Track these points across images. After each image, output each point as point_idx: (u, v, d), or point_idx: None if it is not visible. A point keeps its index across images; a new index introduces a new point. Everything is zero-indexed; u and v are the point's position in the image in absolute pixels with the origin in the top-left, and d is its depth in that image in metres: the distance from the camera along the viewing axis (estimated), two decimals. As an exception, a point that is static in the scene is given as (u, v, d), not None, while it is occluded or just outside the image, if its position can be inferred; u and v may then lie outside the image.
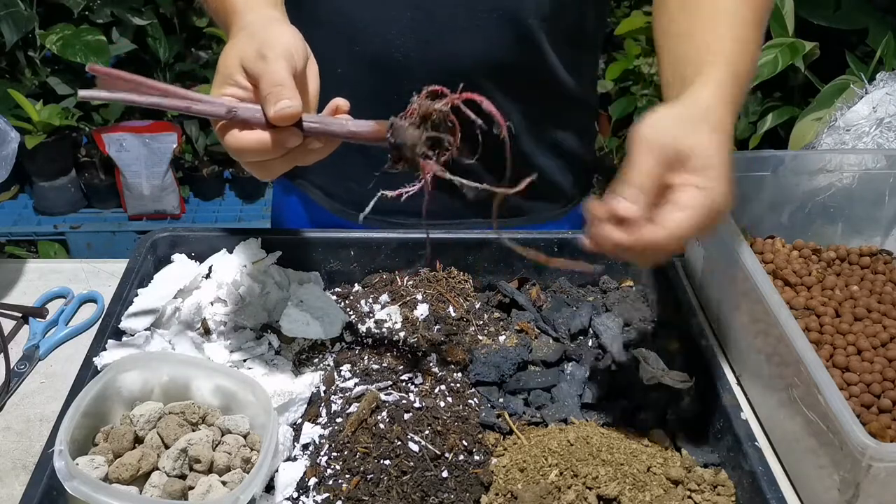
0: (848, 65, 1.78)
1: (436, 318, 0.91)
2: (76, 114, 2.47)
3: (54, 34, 2.24)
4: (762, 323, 0.86)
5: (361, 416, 0.78)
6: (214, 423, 0.75)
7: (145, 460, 0.70)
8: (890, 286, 1.00)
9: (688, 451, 0.78)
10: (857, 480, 0.70)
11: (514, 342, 0.88)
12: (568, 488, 0.71)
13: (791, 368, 0.79)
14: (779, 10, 1.82)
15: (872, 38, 1.91)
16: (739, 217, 1.09)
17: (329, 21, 0.97)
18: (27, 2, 2.30)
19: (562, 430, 0.78)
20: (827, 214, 1.10)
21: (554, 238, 0.99)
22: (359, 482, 0.73)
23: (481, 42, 0.94)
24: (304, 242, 0.98)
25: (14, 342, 0.96)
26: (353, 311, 0.94)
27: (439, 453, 0.75)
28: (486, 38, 0.94)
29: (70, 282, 1.05)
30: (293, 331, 0.88)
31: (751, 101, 2.49)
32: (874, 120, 1.13)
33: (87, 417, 0.72)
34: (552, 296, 0.98)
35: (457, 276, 0.98)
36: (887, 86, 1.16)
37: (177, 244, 0.97)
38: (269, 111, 0.65)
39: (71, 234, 2.56)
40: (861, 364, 0.88)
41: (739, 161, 1.07)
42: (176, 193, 2.56)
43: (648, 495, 0.71)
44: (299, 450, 0.78)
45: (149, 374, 0.77)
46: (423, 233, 0.99)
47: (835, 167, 1.07)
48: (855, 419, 0.69)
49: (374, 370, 0.84)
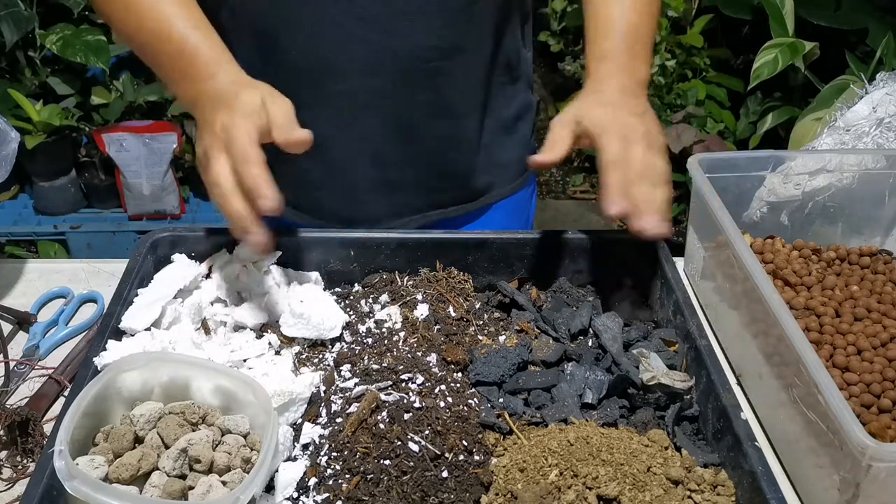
0: (848, 65, 1.78)
1: (436, 318, 0.91)
2: (76, 114, 2.47)
3: (54, 34, 2.24)
4: (762, 323, 0.86)
5: (361, 416, 0.78)
6: (214, 423, 0.75)
7: (145, 460, 0.70)
8: (890, 286, 1.00)
9: (688, 451, 0.78)
10: (857, 480, 0.70)
11: (514, 342, 0.88)
12: (568, 488, 0.71)
13: (791, 368, 0.79)
14: (779, 10, 1.82)
15: (872, 38, 1.91)
16: (739, 217, 1.09)
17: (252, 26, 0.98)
18: (27, 2, 2.30)
19: (562, 430, 0.78)
20: (827, 214, 1.10)
21: (554, 238, 0.99)
22: (359, 482, 0.73)
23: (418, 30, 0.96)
24: (304, 242, 0.98)
25: (14, 342, 0.96)
26: (353, 311, 0.94)
27: (439, 453, 0.75)
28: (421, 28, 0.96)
29: (70, 282, 1.05)
30: (293, 331, 0.88)
31: (751, 101, 2.50)
32: (874, 120, 1.13)
33: (87, 417, 0.72)
34: (552, 296, 0.98)
35: (457, 276, 0.98)
36: (887, 86, 1.15)
37: (177, 244, 0.97)
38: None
39: (71, 234, 2.56)
40: (861, 364, 0.88)
41: (739, 161, 1.07)
42: (176, 193, 2.56)
43: (648, 495, 0.71)
44: (299, 450, 0.78)
45: (149, 374, 0.77)
46: (423, 233, 0.99)
47: (835, 167, 1.07)
48: (855, 419, 0.69)
49: (374, 370, 0.84)
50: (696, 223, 1.07)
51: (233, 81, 0.84)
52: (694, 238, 1.06)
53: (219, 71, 0.85)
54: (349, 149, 1.05)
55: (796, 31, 1.81)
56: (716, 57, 2.84)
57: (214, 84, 0.84)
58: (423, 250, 0.98)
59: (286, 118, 0.80)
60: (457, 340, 0.89)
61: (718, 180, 1.01)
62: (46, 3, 2.36)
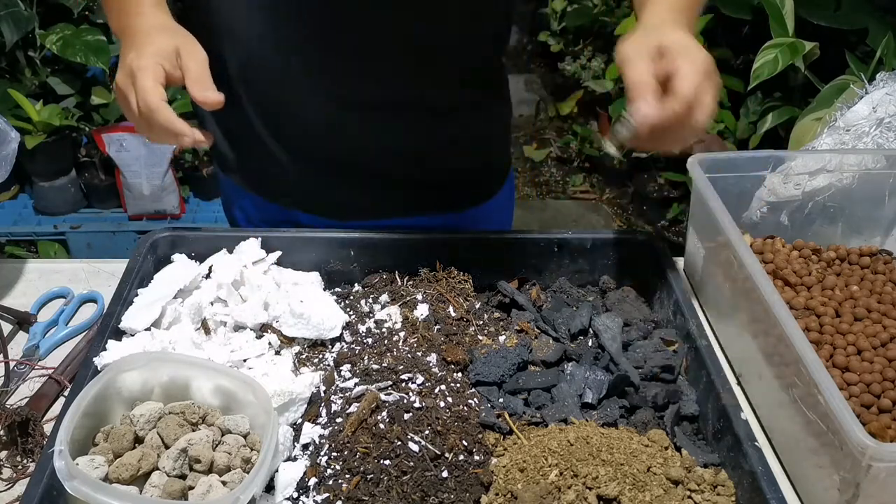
0: (848, 65, 1.78)
1: (436, 318, 0.91)
2: (76, 114, 2.47)
3: (54, 34, 2.24)
4: (762, 323, 0.86)
5: (361, 416, 0.78)
6: (214, 423, 0.75)
7: (145, 460, 0.70)
8: (890, 286, 1.00)
9: (688, 451, 0.78)
10: (857, 480, 0.70)
11: (514, 342, 0.88)
12: (568, 488, 0.71)
13: (791, 368, 0.79)
14: (779, 10, 1.82)
15: (872, 38, 1.91)
16: (739, 217, 1.09)
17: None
18: (27, 2, 2.30)
19: (562, 430, 0.78)
20: (827, 214, 1.10)
21: (554, 238, 0.99)
22: (359, 482, 0.73)
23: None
24: (304, 242, 0.98)
25: (14, 342, 0.96)
26: (353, 311, 0.94)
27: (439, 453, 0.75)
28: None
29: (70, 282, 1.05)
30: (293, 331, 0.88)
31: (751, 101, 2.50)
32: (874, 120, 1.13)
33: (87, 417, 0.72)
34: (552, 296, 0.98)
35: (457, 276, 0.98)
36: (887, 86, 1.15)
37: (177, 244, 0.97)
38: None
39: (71, 234, 2.55)
40: (861, 364, 0.88)
41: (739, 161, 1.07)
42: (176, 193, 2.56)
43: (648, 495, 0.71)
44: (299, 450, 0.78)
45: (149, 374, 0.77)
46: (424, 233, 0.99)
47: (835, 167, 1.07)
48: (855, 419, 0.69)
49: (374, 370, 0.84)
50: (696, 223, 1.06)
51: (154, 25, 0.88)
52: (694, 238, 1.06)
53: (145, 9, 0.89)
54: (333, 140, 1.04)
55: (796, 31, 1.81)
56: (716, 57, 2.82)
57: (139, 22, 0.88)
58: (423, 250, 0.98)
59: (200, 71, 0.85)
60: (457, 340, 0.89)
61: (718, 180, 1.01)
62: (46, 3, 2.36)
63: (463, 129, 1.07)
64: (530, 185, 3.33)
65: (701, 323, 0.89)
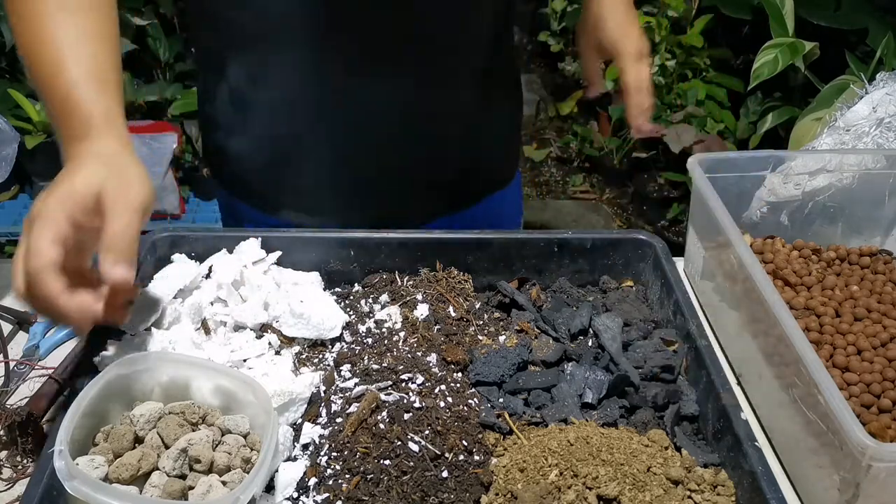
0: (848, 65, 1.78)
1: (436, 318, 0.91)
2: (76, 114, 2.47)
3: (54, 34, 2.24)
4: (762, 323, 0.86)
5: (361, 416, 0.78)
6: (214, 423, 0.75)
7: (145, 460, 0.70)
8: (890, 286, 1.00)
9: (688, 451, 0.78)
10: (857, 480, 0.70)
11: (514, 342, 0.88)
12: (568, 488, 0.71)
13: (791, 368, 0.79)
14: (779, 10, 1.82)
15: (872, 38, 1.91)
16: (739, 217, 1.09)
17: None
18: (27, 2, 2.30)
19: (562, 430, 0.78)
20: (827, 214, 1.10)
21: (554, 238, 0.99)
22: (359, 482, 0.73)
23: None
24: (304, 242, 0.98)
25: (14, 342, 0.96)
26: (353, 311, 0.94)
27: (439, 453, 0.75)
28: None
29: (70, 282, 1.05)
30: (293, 331, 0.88)
31: (751, 101, 2.50)
32: (874, 120, 1.13)
33: (87, 417, 0.72)
34: (552, 296, 0.98)
35: (457, 276, 0.98)
36: (887, 86, 1.15)
37: (177, 244, 0.97)
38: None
39: (71, 235, 2.55)
40: (861, 364, 0.88)
41: (739, 161, 1.07)
42: (176, 193, 2.56)
43: (648, 495, 0.71)
44: (299, 450, 0.78)
45: (149, 374, 0.77)
46: (424, 233, 0.99)
47: (835, 167, 1.07)
48: (855, 419, 0.69)
49: (374, 370, 0.84)
50: (696, 223, 1.07)
51: (92, 153, 0.74)
52: (694, 238, 1.06)
53: (90, 134, 0.75)
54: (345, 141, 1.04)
55: (796, 31, 1.81)
56: (716, 57, 2.84)
57: (79, 148, 0.75)
58: (423, 250, 0.98)
59: (119, 234, 0.69)
60: (457, 340, 0.89)
61: (718, 180, 1.02)
62: (46, 3, 2.36)
63: (472, 129, 1.08)
64: (530, 185, 3.33)
65: (701, 323, 0.89)
